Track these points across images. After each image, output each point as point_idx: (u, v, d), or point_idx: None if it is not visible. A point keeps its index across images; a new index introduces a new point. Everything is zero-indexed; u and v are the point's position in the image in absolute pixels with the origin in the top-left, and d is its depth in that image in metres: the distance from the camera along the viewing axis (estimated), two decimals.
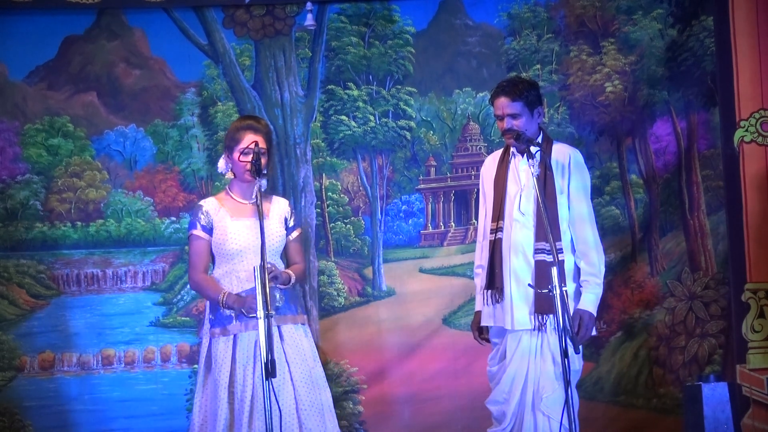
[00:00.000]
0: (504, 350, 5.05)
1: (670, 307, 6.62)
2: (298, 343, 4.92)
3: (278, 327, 4.85)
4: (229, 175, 4.96)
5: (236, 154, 4.86)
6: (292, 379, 4.85)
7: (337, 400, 6.63)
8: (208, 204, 4.94)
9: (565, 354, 4.47)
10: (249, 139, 4.85)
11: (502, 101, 5.01)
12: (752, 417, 6.22)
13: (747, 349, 6.28)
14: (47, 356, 6.64)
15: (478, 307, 5.19)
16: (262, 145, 4.87)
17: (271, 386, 4.40)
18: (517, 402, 4.98)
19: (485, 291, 5.06)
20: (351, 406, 6.68)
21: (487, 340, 5.20)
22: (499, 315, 5.02)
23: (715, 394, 5.86)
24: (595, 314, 5.00)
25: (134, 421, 6.59)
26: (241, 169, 4.85)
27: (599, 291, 5.02)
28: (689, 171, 6.63)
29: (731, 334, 6.39)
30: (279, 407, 4.56)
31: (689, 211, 6.62)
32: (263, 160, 4.83)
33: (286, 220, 5.02)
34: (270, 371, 4.34)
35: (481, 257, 5.20)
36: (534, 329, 4.94)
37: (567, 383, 4.48)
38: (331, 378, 6.67)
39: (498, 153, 5.23)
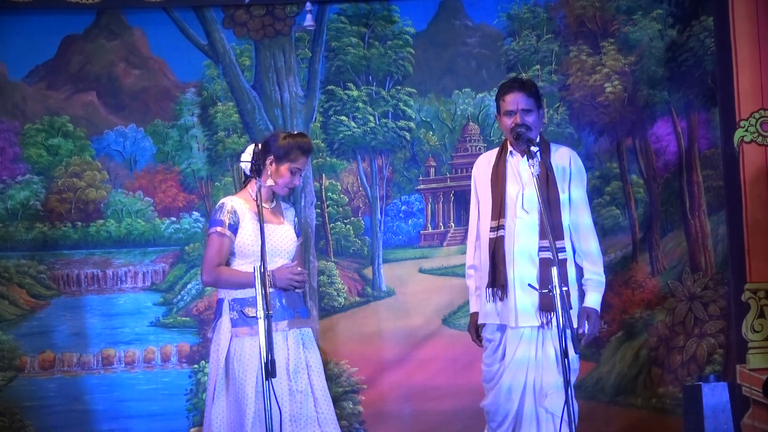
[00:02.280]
0: (504, 348, 5.05)
1: (671, 307, 6.62)
2: (314, 348, 4.98)
3: (300, 330, 4.89)
4: (270, 182, 4.95)
5: (285, 170, 4.91)
6: (312, 390, 4.89)
7: (337, 400, 6.64)
8: (236, 203, 4.93)
9: (565, 354, 4.47)
10: (303, 163, 4.96)
11: (518, 96, 5.00)
12: (752, 417, 6.23)
13: (747, 349, 6.29)
14: (47, 356, 6.64)
15: (473, 309, 5.18)
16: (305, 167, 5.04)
17: (270, 386, 4.42)
18: (519, 400, 4.98)
19: (487, 288, 5.05)
20: (351, 406, 6.69)
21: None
22: (503, 312, 5.01)
23: (715, 394, 5.86)
24: (600, 312, 5.02)
25: (134, 421, 6.59)
26: (284, 182, 4.93)
27: (602, 289, 5.05)
28: (690, 171, 6.63)
29: (731, 334, 6.39)
30: (279, 408, 4.56)
31: (690, 211, 6.62)
32: (299, 180, 5.00)
33: (295, 225, 5.08)
34: (270, 371, 4.35)
35: (474, 257, 5.19)
36: (540, 327, 4.94)
37: (567, 383, 4.48)
38: (331, 378, 6.67)
39: (491, 153, 5.21)
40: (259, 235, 4.82)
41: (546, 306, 4.91)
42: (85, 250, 6.74)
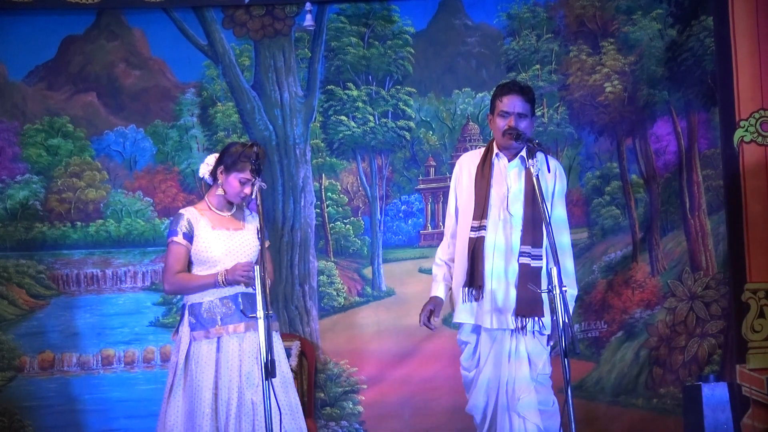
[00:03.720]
0: (480, 353, 5.05)
1: (671, 307, 6.62)
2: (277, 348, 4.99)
3: (257, 333, 4.88)
4: (220, 191, 4.98)
5: (233, 179, 4.94)
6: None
7: (337, 400, 6.65)
8: (189, 213, 5.03)
9: (565, 354, 4.46)
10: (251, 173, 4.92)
11: (517, 100, 4.98)
12: (752, 417, 6.22)
13: (747, 349, 6.29)
14: (47, 356, 6.64)
15: (433, 293, 5.13)
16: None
17: (271, 386, 4.43)
18: (493, 403, 4.98)
19: (464, 288, 5.03)
20: (351, 406, 6.68)
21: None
22: (479, 313, 4.99)
23: (715, 394, 5.86)
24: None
25: (134, 421, 6.58)
26: (234, 192, 4.96)
27: (573, 302, 5.03)
28: (690, 171, 6.64)
29: (731, 334, 6.39)
30: (279, 407, 4.57)
31: (690, 211, 6.63)
32: (250, 189, 4.93)
33: (257, 231, 5.07)
34: (270, 371, 4.36)
35: (446, 253, 5.16)
36: (515, 331, 4.92)
37: (567, 383, 4.47)
38: (331, 378, 6.67)
39: (475, 153, 5.19)
40: (213, 242, 4.93)
41: (522, 311, 4.90)
42: (85, 250, 6.75)
